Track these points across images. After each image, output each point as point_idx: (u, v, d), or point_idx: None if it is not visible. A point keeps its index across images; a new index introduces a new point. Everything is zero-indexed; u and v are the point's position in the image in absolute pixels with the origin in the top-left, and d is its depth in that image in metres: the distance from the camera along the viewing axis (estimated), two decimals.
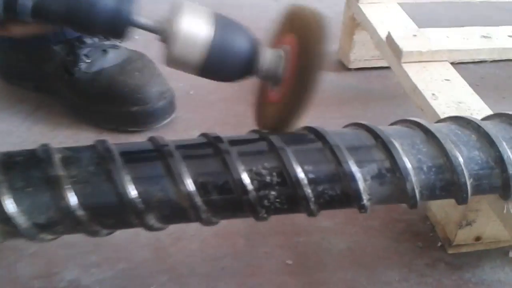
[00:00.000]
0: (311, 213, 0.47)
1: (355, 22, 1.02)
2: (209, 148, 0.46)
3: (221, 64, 0.47)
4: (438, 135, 0.47)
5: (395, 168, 0.46)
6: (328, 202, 0.47)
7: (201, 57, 0.45)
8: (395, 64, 0.81)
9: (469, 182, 0.47)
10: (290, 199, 0.46)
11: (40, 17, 0.44)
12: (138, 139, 0.86)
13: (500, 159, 0.47)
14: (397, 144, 0.47)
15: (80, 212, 0.43)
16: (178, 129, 0.89)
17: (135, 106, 0.84)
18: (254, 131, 0.50)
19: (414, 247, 0.67)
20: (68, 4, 0.43)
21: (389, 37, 0.82)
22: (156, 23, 0.47)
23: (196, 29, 0.45)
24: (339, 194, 0.47)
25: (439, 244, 0.67)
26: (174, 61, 0.46)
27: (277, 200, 0.46)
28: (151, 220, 0.45)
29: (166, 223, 0.47)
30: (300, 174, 0.45)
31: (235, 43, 0.46)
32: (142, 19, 0.47)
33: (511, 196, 0.48)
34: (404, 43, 0.79)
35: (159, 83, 0.87)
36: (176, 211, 0.45)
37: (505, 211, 0.52)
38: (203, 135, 0.48)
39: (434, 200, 0.64)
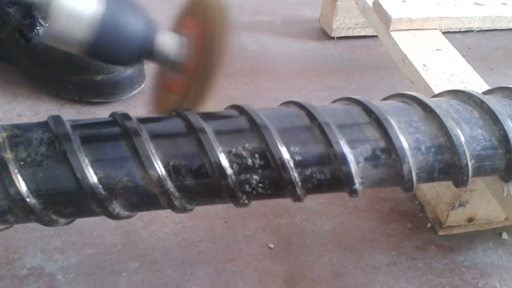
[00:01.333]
0: (297, 199, 0.42)
1: None
2: (181, 125, 0.41)
3: (111, 44, 0.42)
4: (438, 111, 0.42)
5: (391, 148, 0.41)
6: (316, 186, 0.42)
7: (87, 35, 0.41)
8: (382, 32, 0.75)
9: (470, 164, 0.43)
10: (274, 183, 0.41)
11: None
12: (104, 111, 0.79)
13: (504, 139, 0.43)
14: (393, 122, 0.42)
15: (32, 200, 0.37)
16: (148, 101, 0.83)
17: (99, 75, 0.77)
18: (233, 106, 0.44)
19: (402, 228, 0.64)
20: None
21: (376, 2, 0.77)
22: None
23: (82, 2, 0.41)
24: (329, 178, 0.42)
25: (429, 225, 0.64)
26: (56, 38, 0.41)
27: (260, 184, 0.41)
28: (116, 208, 0.39)
29: (134, 211, 0.41)
30: (286, 155, 0.40)
31: (127, 22, 0.42)
32: None
33: None
34: (393, 10, 0.74)
35: None
36: (145, 198, 0.39)
37: (505, 194, 0.48)
38: (175, 110, 0.42)
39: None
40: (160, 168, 0.38)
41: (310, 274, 0.58)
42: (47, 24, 0.42)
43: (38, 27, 0.76)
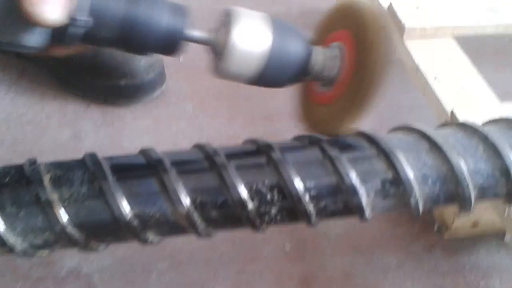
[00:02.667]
0: (311, 225, 0.47)
1: None
2: (205, 162, 0.45)
3: (276, 74, 0.45)
4: (444, 147, 0.45)
5: (400, 182, 0.45)
6: (329, 215, 0.46)
7: (257, 70, 0.44)
8: (396, 39, 0.77)
9: (473, 194, 0.46)
10: (291, 214, 0.45)
11: (89, 43, 0.41)
12: (127, 112, 0.84)
13: (506, 171, 0.46)
14: (402, 158, 0.45)
15: (76, 234, 0.42)
16: (169, 101, 0.86)
17: (122, 80, 0.81)
18: (250, 141, 0.48)
19: (411, 231, 0.68)
20: (121, 29, 0.40)
21: (391, 9, 0.78)
22: (211, 35, 0.44)
23: (253, 43, 0.42)
24: (341, 209, 0.46)
25: (436, 228, 0.68)
26: (228, 76, 0.44)
27: (278, 215, 0.45)
28: (150, 237, 0.44)
29: (165, 237, 0.46)
30: (302, 191, 0.44)
31: (291, 51, 0.44)
32: (196, 33, 0.44)
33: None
34: (407, 17, 0.75)
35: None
36: (175, 229, 0.44)
37: (506, 215, 0.52)
38: (198, 147, 0.46)
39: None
40: (188, 205, 0.42)
41: (323, 274, 0.63)
42: (219, 63, 0.44)
43: None
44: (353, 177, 0.44)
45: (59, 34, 0.39)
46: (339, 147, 0.46)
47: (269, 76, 0.44)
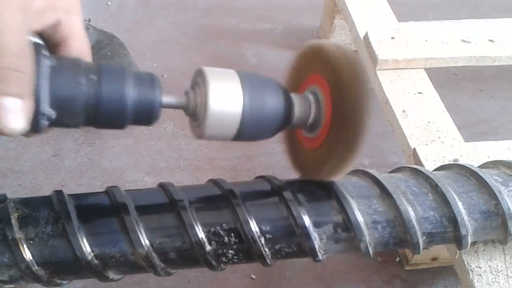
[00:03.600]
0: (267, 266, 0.49)
1: (336, 8, 0.99)
2: (166, 204, 0.47)
3: (256, 129, 0.44)
4: (394, 195, 0.48)
5: (350, 227, 0.47)
6: (284, 256, 0.48)
7: (235, 130, 0.43)
8: (369, 68, 0.79)
9: (421, 240, 0.49)
10: (248, 255, 0.47)
11: (60, 127, 0.41)
12: (108, 131, 0.85)
13: (453, 220, 0.48)
14: (353, 204, 0.48)
15: (40, 271, 0.44)
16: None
17: None
18: (212, 181, 0.50)
19: (373, 261, 0.70)
20: (86, 113, 0.39)
21: (366, 38, 0.80)
22: (184, 100, 0.44)
23: (227, 104, 0.42)
24: (296, 251, 0.48)
25: (398, 259, 0.70)
26: (208, 138, 0.44)
27: (235, 256, 0.47)
28: (110, 275, 0.46)
29: (125, 275, 0.48)
30: (258, 234, 0.46)
31: (266, 105, 0.44)
32: (169, 99, 0.43)
33: (464, 249, 0.50)
34: (381, 48, 0.78)
35: None
36: (135, 269, 0.46)
37: (457, 257, 0.54)
38: (162, 186, 0.48)
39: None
40: (147, 247, 0.45)
41: None
42: (197, 127, 0.44)
43: None
44: (307, 220, 0.47)
45: (33, 125, 0.38)
46: (295, 190, 0.49)
47: (249, 132, 0.44)
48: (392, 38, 0.81)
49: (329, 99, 0.44)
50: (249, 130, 0.44)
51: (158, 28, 1.13)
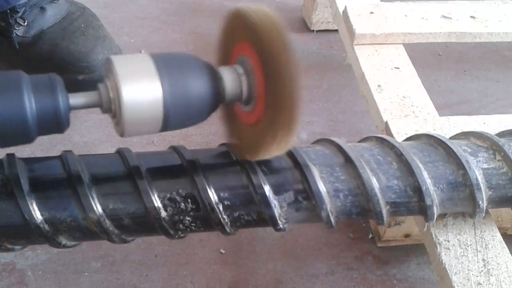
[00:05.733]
0: (228, 234, 0.47)
1: None
2: (121, 170, 0.45)
3: (184, 115, 0.40)
4: (357, 163, 0.46)
5: (311, 196, 0.46)
6: (244, 225, 0.47)
7: (160, 122, 0.40)
8: (348, 44, 0.78)
9: (385, 210, 0.47)
10: (206, 223, 0.46)
11: None
12: None
13: (418, 190, 0.47)
14: (315, 171, 0.46)
15: None
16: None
17: (81, 75, 0.80)
18: (172, 147, 0.48)
19: (345, 237, 0.69)
20: None
21: (345, 13, 0.78)
22: (96, 97, 0.40)
23: (144, 95, 0.38)
24: (256, 219, 0.47)
25: (370, 235, 0.69)
26: (131, 135, 0.40)
27: (193, 224, 0.46)
28: (62, 241, 0.45)
29: (79, 242, 0.47)
30: (215, 201, 0.45)
31: (190, 87, 0.40)
32: (78, 100, 0.39)
33: (430, 220, 0.49)
34: (359, 23, 0.76)
35: (105, 47, 0.83)
36: (87, 234, 0.45)
37: (425, 229, 0.53)
38: (119, 152, 0.47)
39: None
40: (99, 211, 0.43)
41: (253, 281, 0.64)
42: (117, 125, 0.40)
43: (16, 28, 0.78)
44: (267, 188, 0.45)
45: None
46: (258, 160, 0.47)
47: (177, 121, 0.40)
48: (371, 13, 0.79)
49: (259, 68, 0.40)
50: (176, 119, 0.40)
51: (138, 4, 1.11)
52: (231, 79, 0.42)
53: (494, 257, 0.51)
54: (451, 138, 0.55)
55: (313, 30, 1.06)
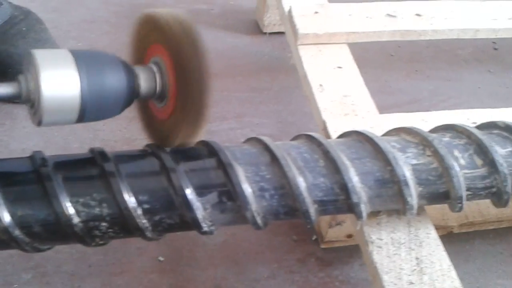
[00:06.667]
0: (149, 239, 0.45)
1: None
2: (31, 173, 0.43)
3: (99, 109, 0.43)
4: (282, 162, 0.45)
5: (235, 196, 0.44)
6: (167, 229, 0.45)
7: (75, 113, 0.42)
8: (292, 43, 0.77)
9: (312, 209, 0.46)
10: (124, 228, 0.44)
11: None
12: (22, 112, 0.80)
13: (345, 187, 0.46)
14: (240, 171, 0.45)
15: None
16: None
17: None
18: (90, 149, 0.46)
19: (289, 240, 0.68)
20: None
21: (289, 13, 0.77)
22: (15, 88, 0.41)
23: (62, 87, 0.40)
24: (178, 222, 0.45)
25: (314, 237, 0.68)
26: (47, 125, 0.42)
27: (110, 230, 0.43)
28: None
29: None
30: (133, 205, 0.43)
31: (107, 83, 0.42)
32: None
33: (360, 219, 0.48)
34: (302, 23, 0.75)
35: None
36: None
37: (358, 228, 0.52)
38: (31, 156, 0.44)
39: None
40: (6, 218, 0.40)
41: None
42: (34, 114, 0.42)
43: None
44: (188, 190, 0.43)
45: None
46: (179, 158, 0.45)
47: (92, 113, 0.42)
48: (316, 12, 0.78)
49: (171, 68, 0.43)
50: (92, 111, 0.42)
51: (88, 8, 1.08)
52: (145, 76, 0.45)
53: (428, 255, 0.50)
54: (383, 134, 0.54)
55: (265, 33, 1.05)
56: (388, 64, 1.02)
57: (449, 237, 0.70)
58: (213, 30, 1.07)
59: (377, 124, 0.62)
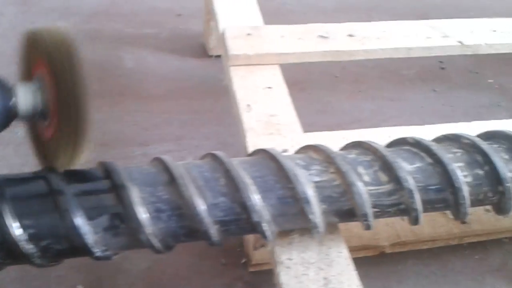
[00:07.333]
0: (41, 267, 0.43)
1: (208, 8, 0.97)
2: None
3: None
4: (180, 181, 0.44)
5: (128, 219, 0.43)
6: (58, 255, 0.43)
7: None
8: (225, 65, 0.77)
9: (213, 229, 0.45)
10: (11, 255, 0.42)
11: None
12: None
13: (245, 206, 0.45)
14: (134, 192, 0.43)
15: None
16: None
17: None
18: None
19: (217, 264, 0.66)
20: None
21: (223, 35, 0.78)
22: None
23: None
24: (68, 248, 0.43)
25: (244, 260, 0.66)
26: None
27: None
28: None
29: None
30: (17, 230, 0.41)
31: None
32: None
33: (266, 239, 0.47)
34: (233, 45, 0.75)
35: None
36: None
37: (269, 248, 0.51)
38: None
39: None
40: None
41: None
42: None
43: None
44: (76, 212, 0.42)
45: None
46: (72, 180, 0.44)
47: None
48: (248, 34, 0.78)
49: (52, 84, 0.42)
50: None
51: None
52: (25, 95, 0.44)
53: (337, 274, 0.48)
54: (296, 152, 0.53)
55: (211, 56, 1.06)
56: (332, 85, 1.03)
57: (381, 258, 0.70)
58: (159, 53, 1.07)
59: (299, 142, 0.61)
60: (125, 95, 0.95)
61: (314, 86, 1.00)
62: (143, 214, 0.43)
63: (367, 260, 0.67)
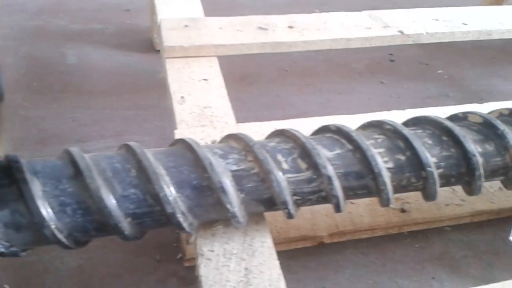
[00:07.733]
0: None
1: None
2: None
3: None
4: (85, 174, 0.42)
5: (30, 213, 0.41)
6: None
7: None
8: (162, 57, 0.75)
9: (125, 223, 0.43)
10: None
11: None
12: None
13: (157, 197, 0.43)
14: (36, 185, 0.41)
15: None
16: None
17: None
18: None
19: (152, 260, 0.64)
20: None
21: (159, 27, 0.76)
22: None
23: None
24: None
25: (179, 255, 0.65)
26: None
27: None
28: None
29: None
30: None
31: None
32: None
33: (182, 231, 0.45)
34: (169, 36, 0.73)
35: None
36: None
37: (191, 240, 0.49)
38: None
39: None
40: None
41: None
42: None
43: None
44: None
45: None
46: None
47: None
48: (186, 26, 0.77)
49: None
50: None
51: None
52: None
53: (259, 264, 0.47)
54: (219, 142, 0.52)
55: (158, 50, 1.04)
56: (281, 78, 1.02)
57: (320, 248, 0.69)
58: (105, 48, 1.05)
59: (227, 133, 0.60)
60: (65, 92, 0.92)
61: (263, 79, 0.99)
62: (45, 208, 0.41)
63: (306, 251, 0.67)
